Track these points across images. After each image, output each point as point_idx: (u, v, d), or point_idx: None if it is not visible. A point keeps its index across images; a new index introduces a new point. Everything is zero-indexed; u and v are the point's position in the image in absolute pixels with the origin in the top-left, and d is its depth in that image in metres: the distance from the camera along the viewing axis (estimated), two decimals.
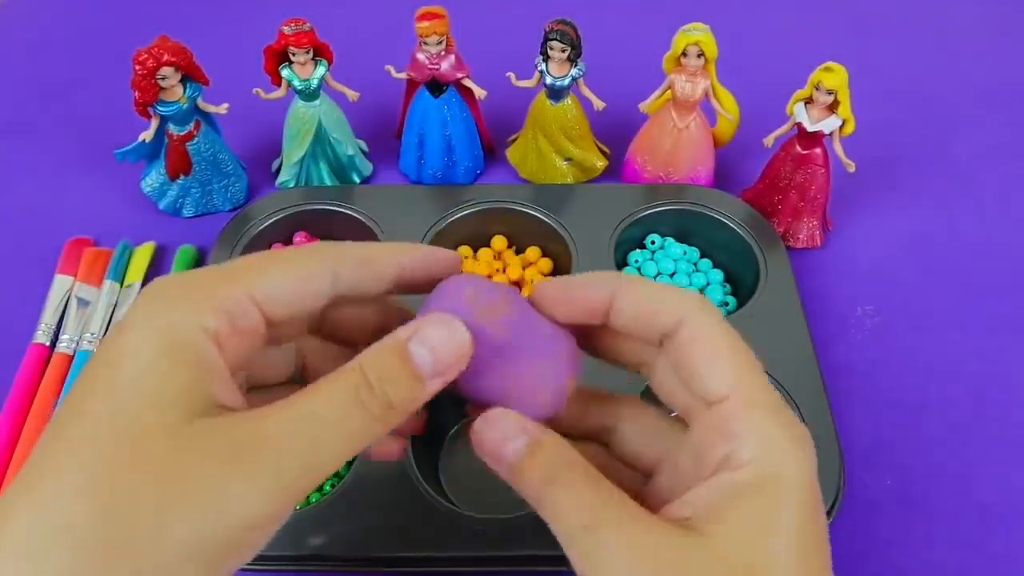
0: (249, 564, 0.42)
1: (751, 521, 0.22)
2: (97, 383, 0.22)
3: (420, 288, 0.27)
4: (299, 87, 0.55)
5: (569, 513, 0.23)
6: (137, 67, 0.51)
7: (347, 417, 0.23)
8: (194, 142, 0.55)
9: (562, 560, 0.40)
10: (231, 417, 0.22)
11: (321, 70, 0.54)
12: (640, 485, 0.27)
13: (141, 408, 0.21)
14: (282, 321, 0.25)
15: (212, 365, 0.23)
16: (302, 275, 0.25)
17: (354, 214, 0.54)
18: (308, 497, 0.44)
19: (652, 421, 0.28)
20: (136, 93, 0.51)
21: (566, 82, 0.54)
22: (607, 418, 0.29)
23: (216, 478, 0.21)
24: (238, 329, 0.24)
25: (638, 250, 0.55)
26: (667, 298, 0.25)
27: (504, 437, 0.24)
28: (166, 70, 0.51)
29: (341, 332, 0.29)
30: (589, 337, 0.28)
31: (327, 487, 0.44)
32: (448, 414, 0.47)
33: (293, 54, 0.53)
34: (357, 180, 0.60)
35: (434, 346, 0.24)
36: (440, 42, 0.54)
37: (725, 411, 0.23)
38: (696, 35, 0.52)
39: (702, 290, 0.53)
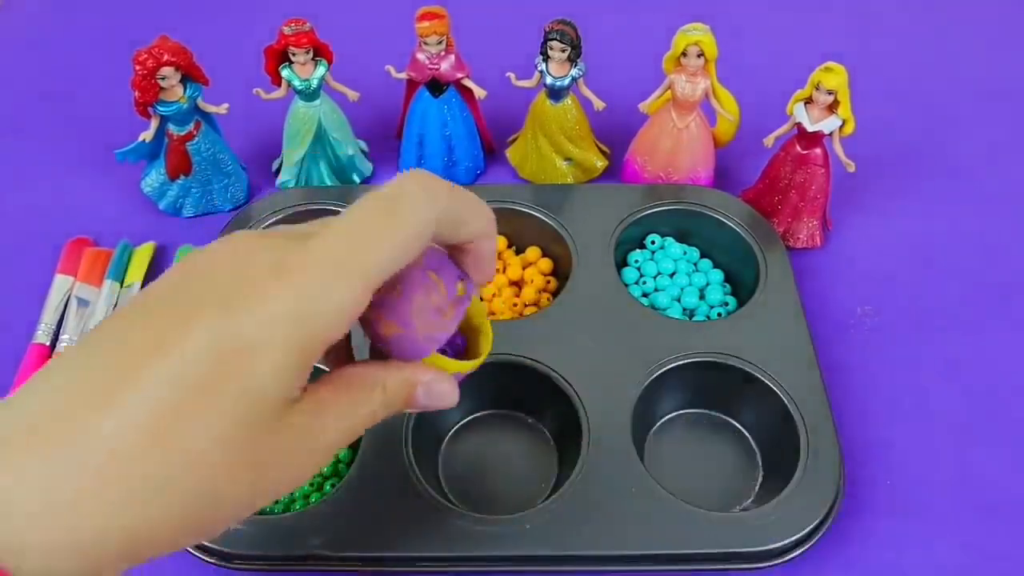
0: (250, 564, 0.42)
1: None
2: (230, 365, 0.23)
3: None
4: (299, 87, 0.55)
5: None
6: (137, 67, 0.51)
7: (359, 429, 0.28)
8: (194, 142, 0.55)
9: (562, 560, 0.40)
10: (298, 413, 0.25)
11: (321, 70, 0.54)
12: None
13: (257, 401, 0.23)
14: None
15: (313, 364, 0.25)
16: (409, 249, 0.26)
17: None
18: (308, 497, 0.44)
19: None
20: (136, 93, 0.51)
21: (566, 82, 0.54)
22: None
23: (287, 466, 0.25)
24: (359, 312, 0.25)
25: (638, 250, 0.55)
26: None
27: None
28: (166, 70, 0.51)
29: None
30: None
31: (327, 487, 0.44)
32: (448, 414, 0.47)
33: (293, 54, 0.53)
34: (357, 180, 0.60)
35: (434, 397, 0.29)
36: (440, 42, 0.54)
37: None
38: (696, 35, 0.52)
39: (702, 290, 0.53)
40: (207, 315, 0.23)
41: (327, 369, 0.29)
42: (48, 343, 0.50)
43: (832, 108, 0.51)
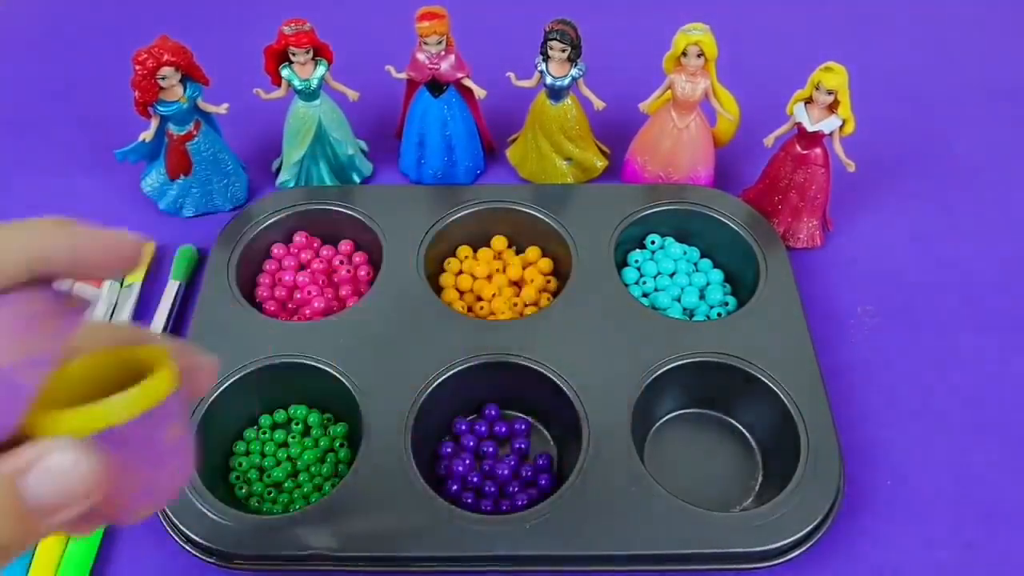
0: (250, 564, 0.42)
1: None
2: None
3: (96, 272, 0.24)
4: (299, 87, 0.55)
5: None
6: (137, 67, 0.51)
7: None
8: (194, 142, 0.55)
9: (562, 560, 0.40)
10: None
11: (321, 70, 0.54)
12: None
13: None
14: None
15: None
16: None
17: (354, 214, 0.54)
18: (308, 497, 0.44)
19: None
20: (136, 93, 0.51)
21: (566, 82, 0.54)
22: None
23: None
24: None
25: (638, 250, 0.55)
26: None
27: None
28: (166, 70, 0.51)
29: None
30: None
31: (327, 487, 0.44)
32: (447, 414, 0.47)
33: (293, 54, 0.53)
34: (357, 180, 0.60)
35: (57, 476, 0.21)
36: (440, 42, 0.54)
37: None
38: (696, 35, 0.52)
39: (702, 290, 0.53)
40: None
41: None
42: None
43: (832, 108, 0.51)
